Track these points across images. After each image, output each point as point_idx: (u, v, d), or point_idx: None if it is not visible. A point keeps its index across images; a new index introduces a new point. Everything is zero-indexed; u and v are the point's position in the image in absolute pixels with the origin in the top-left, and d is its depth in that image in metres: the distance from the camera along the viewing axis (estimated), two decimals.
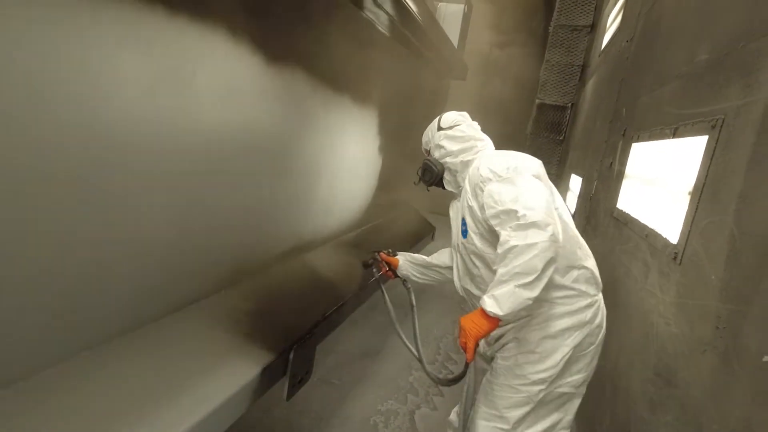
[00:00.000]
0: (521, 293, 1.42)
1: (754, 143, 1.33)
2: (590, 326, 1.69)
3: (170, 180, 1.30)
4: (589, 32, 6.72)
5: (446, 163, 1.89)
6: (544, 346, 1.66)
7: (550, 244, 1.43)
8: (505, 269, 1.44)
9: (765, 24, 1.40)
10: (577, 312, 1.67)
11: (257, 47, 1.48)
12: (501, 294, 1.44)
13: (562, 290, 1.67)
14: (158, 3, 1.05)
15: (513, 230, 1.46)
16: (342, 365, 3.18)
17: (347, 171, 2.67)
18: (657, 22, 2.93)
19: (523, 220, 1.45)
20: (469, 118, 1.98)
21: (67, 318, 1.18)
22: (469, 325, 1.50)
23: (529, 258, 1.41)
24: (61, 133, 0.97)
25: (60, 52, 0.92)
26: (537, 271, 1.41)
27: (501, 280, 1.45)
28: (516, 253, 1.43)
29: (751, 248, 1.25)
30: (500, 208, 1.53)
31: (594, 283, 1.76)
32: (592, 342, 1.72)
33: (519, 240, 1.43)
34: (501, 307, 1.43)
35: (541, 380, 1.66)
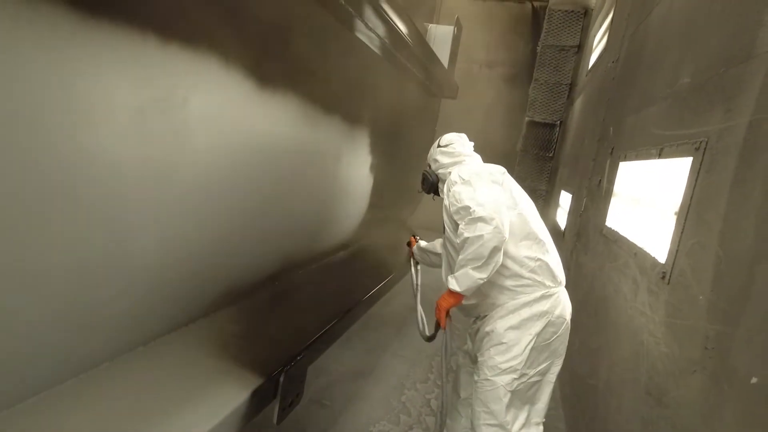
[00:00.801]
0: (474, 274, 1.79)
1: (736, 166, 1.36)
2: (550, 316, 1.92)
3: (160, 204, 1.29)
4: (576, 52, 6.88)
5: (440, 174, 2.26)
6: (509, 336, 1.91)
7: (494, 234, 1.75)
8: (462, 256, 1.81)
9: (744, 51, 1.44)
10: (535, 302, 1.92)
11: (249, 72, 1.50)
12: (459, 275, 1.83)
13: (519, 279, 1.94)
14: (150, 32, 1.06)
15: (466, 224, 1.81)
16: (333, 385, 3.14)
17: (339, 191, 2.67)
18: (641, 45, 3.00)
19: (473, 215, 1.78)
20: (465, 138, 2.32)
21: (51, 346, 1.16)
22: (441, 301, 1.95)
23: (477, 247, 1.76)
24: (51, 158, 0.97)
25: (52, 79, 0.92)
26: (484, 258, 1.76)
27: (460, 264, 1.83)
28: (468, 242, 1.78)
29: (736, 269, 1.27)
30: (459, 205, 1.87)
31: (551, 276, 1.98)
32: (555, 332, 1.93)
33: (470, 232, 1.78)
34: (460, 285, 1.83)
35: (512, 368, 1.89)
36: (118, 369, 1.35)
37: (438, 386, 3.38)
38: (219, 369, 1.55)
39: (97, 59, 0.98)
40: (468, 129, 8.65)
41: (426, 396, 3.20)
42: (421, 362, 3.68)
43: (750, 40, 1.41)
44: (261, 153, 1.72)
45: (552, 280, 1.99)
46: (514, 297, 1.95)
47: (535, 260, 1.96)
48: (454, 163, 2.20)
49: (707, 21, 1.85)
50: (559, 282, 2.02)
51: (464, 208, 1.85)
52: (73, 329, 1.19)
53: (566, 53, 6.92)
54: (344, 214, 2.94)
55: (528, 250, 1.96)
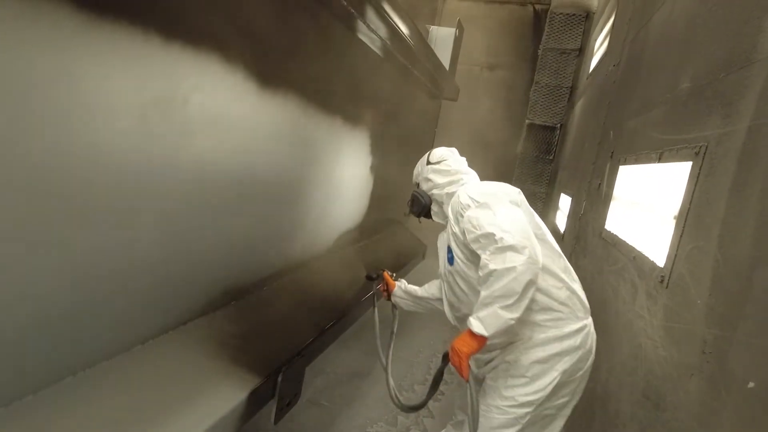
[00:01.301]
0: (504, 314, 1.49)
1: (735, 171, 1.36)
2: (581, 351, 1.71)
3: (160, 203, 1.30)
4: (577, 55, 6.89)
5: (433, 195, 2.00)
6: (534, 370, 1.68)
7: (527, 266, 1.48)
8: (487, 292, 1.52)
9: (744, 56, 1.45)
10: (566, 337, 1.69)
11: (250, 73, 1.50)
12: (485, 316, 1.51)
13: (550, 312, 1.69)
14: (153, 32, 1.06)
15: (491, 254, 1.52)
16: (331, 386, 3.14)
17: (339, 192, 2.68)
18: (642, 49, 3.01)
19: (500, 243, 1.51)
20: (457, 154, 2.08)
21: (49, 343, 1.16)
22: (459, 345, 1.57)
23: (508, 281, 1.48)
24: (53, 155, 0.97)
25: (55, 77, 0.93)
26: (517, 294, 1.48)
27: (484, 302, 1.53)
28: (496, 276, 1.49)
29: (734, 274, 1.27)
30: (479, 232, 1.59)
31: (581, 306, 1.77)
32: (581, 368, 1.73)
33: (498, 264, 1.50)
34: (486, 328, 1.51)
35: (529, 403, 1.68)
36: (115, 368, 1.35)
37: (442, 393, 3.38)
38: (217, 369, 1.55)
39: (100, 58, 0.98)
40: (468, 131, 8.66)
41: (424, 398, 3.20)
42: (419, 364, 3.68)
43: (750, 45, 1.42)
44: (262, 153, 1.72)
45: (583, 310, 1.78)
46: (545, 331, 1.69)
47: (565, 290, 1.72)
48: (451, 182, 1.95)
49: (708, 26, 1.86)
50: (588, 311, 1.82)
51: (487, 235, 1.56)
52: (72, 327, 1.19)
53: (567, 56, 6.93)
54: (345, 214, 2.94)
55: (556, 279, 1.72)
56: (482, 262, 1.54)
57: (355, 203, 3.06)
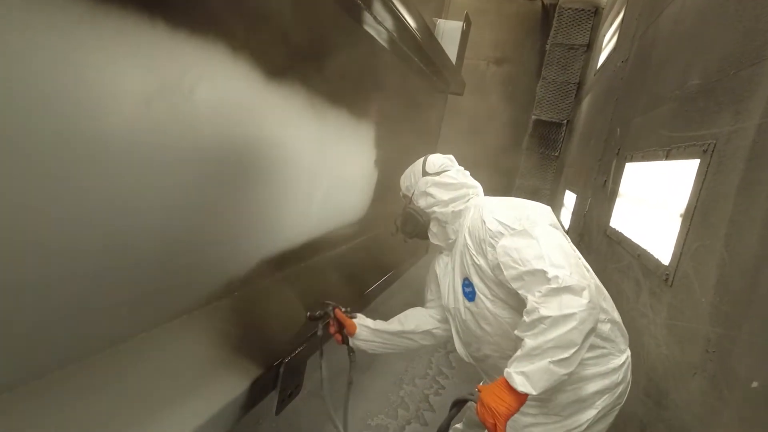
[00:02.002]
0: (557, 370, 1.18)
1: (744, 169, 1.35)
2: (623, 386, 1.48)
3: (165, 192, 1.30)
4: (585, 51, 6.83)
5: (434, 213, 1.65)
6: (570, 410, 1.45)
7: (589, 312, 1.19)
8: (536, 342, 1.20)
9: (755, 53, 1.43)
10: (610, 373, 1.44)
11: (256, 62, 1.49)
12: (533, 371, 1.19)
13: (594, 350, 1.41)
14: (159, 18, 1.06)
15: (543, 295, 1.22)
16: (332, 379, 3.15)
17: (343, 184, 2.67)
18: (651, 45, 2.98)
19: (554, 284, 1.21)
20: (456, 162, 1.78)
21: (53, 329, 1.17)
22: (495, 403, 1.22)
23: (566, 331, 1.18)
24: (57, 144, 0.97)
25: (58, 63, 0.92)
26: (576, 346, 1.18)
27: (532, 354, 1.20)
28: (549, 324, 1.19)
29: (740, 273, 1.26)
30: (523, 269, 1.28)
31: (623, 337, 1.52)
32: (620, 402, 1.51)
33: (552, 310, 1.19)
34: (534, 385, 1.19)
35: None
36: (118, 356, 1.36)
37: (437, 383, 3.39)
38: (219, 358, 1.55)
39: (106, 44, 0.98)
40: (474, 126, 8.58)
41: (425, 391, 3.21)
42: (420, 358, 3.69)
43: (762, 42, 1.40)
44: (267, 144, 1.72)
45: (624, 341, 1.52)
46: (585, 369, 1.42)
47: (608, 322, 1.46)
48: (457, 198, 1.63)
49: (718, 22, 1.84)
50: (628, 339, 1.56)
51: (534, 272, 1.26)
52: (77, 314, 1.20)
53: (575, 52, 6.88)
54: (349, 206, 2.94)
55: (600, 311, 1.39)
56: (530, 306, 1.24)
57: (360, 196, 3.06)
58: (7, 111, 0.85)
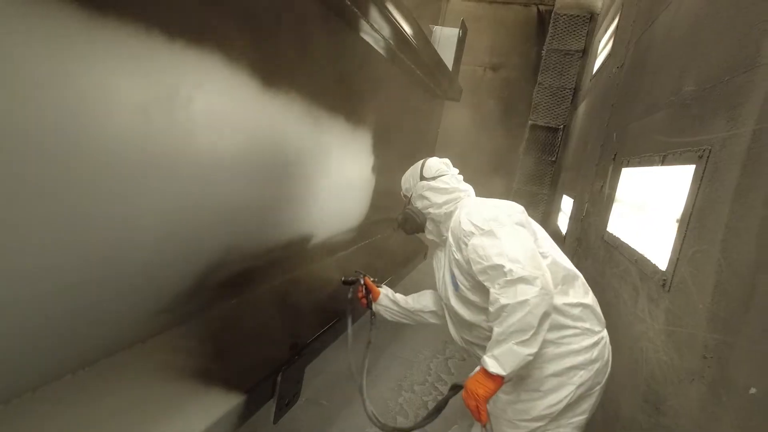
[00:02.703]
0: (520, 351, 1.40)
1: (739, 175, 1.35)
2: (598, 364, 1.63)
3: (161, 202, 1.29)
4: (581, 57, 6.87)
5: (429, 214, 1.86)
6: (549, 384, 1.61)
7: (541, 297, 1.40)
8: (501, 328, 1.42)
9: (749, 60, 1.44)
10: (583, 351, 1.61)
11: (254, 72, 1.50)
12: (501, 353, 1.41)
13: (565, 330, 1.61)
14: (156, 30, 1.06)
15: (501, 287, 1.44)
16: (331, 386, 3.14)
17: (340, 191, 2.68)
18: (646, 51, 3.00)
19: (510, 276, 1.42)
20: (451, 166, 1.97)
21: (49, 340, 1.16)
22: (474, 387, 1.46)
23: (522, 315, 1.39)
24: (55, 153, 0.97)
25: (55, 75, 0.93)
26: (533, 328, 1.39)
27: (498, 339, 1.43)
28: (509, 311, 1.41)
29: (737, 279, 1.26)
30: (486, 264, 1.50)
31: (596, 319, 1.70)
32: (599, 381, 1.66)
33: (509, 298, 1.41)
34: (503, 366, 1.40)
35: (542, 417, 1.61)
36: (115, 366, 1.35)
37: (435, 389, 3.38)
38: (216, 367, 1.55)
39: (103, 55, 0.98)
40: (471, 131, 8.61)
41: (423, 398, 3.20)
42: (419, 364, 3.68)
43: (755, 49, 1.41)
44: (264, 153, 1.72)
45: (599, 324, 1.70)
46: (558, 347, 1.61)
47: (578, 306, 1.65)
48: (449, 201, 1.83)
49: (712, 29, 1.85)
50: (604, 324, 1.74)
51: (495, 267, 1.47)
52: (71, 325, 1.19)
53: (571, 57, 6.92)
54: (347, 214, 2.94)
55: (566, 295, 1.65)
56: (492, 297, 1.46)
57: (357, 203, 3.06)
58: (5, 122, 0.85)
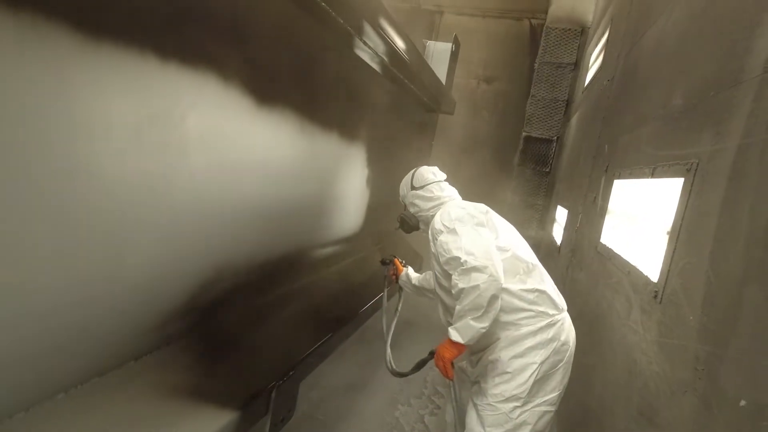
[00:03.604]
0: (475, 324, 1.76)
1: (726, 189, 1.38)
2: (555, 343, 1.90)
3: (155, 221, 1.30)
4: (572, 69, 6.96)
5: (420, 217, 2.27)
6: (514, 365, 1.87)
7: (489, 283, 1.73)
8: (459, 307, 1.78)
9: (733, 76, 1.47)
10: (539, 331, 1.89)
11: (247, 90, 1.52)
12: (460, 326, 1.79)
13: (520, 312, 1.91)
14: (150, 52, 1.08)
15: (459, 275, 1.78)
16: (326, 400, 3.12)
17: (335, 206, 2.69)
18: (635, 65, 3.05)
19: (465, 266, 1.76)
20: (439, 173, 2.32)
21: (45, 356, 1.15)
22: (442, 351, 1.87)
23: (474, 297, 1.73)
24: (51, 173, 0.98)
25: (54, 97, 0.94)
26: (483, 307, 1.73)
27: (458, 315, 1.79)
28: (465, 294, 1.75)
29: (726, 291, 1.28)
30: (448, 256, 1.85)
31: (552, 304, 1.97)
32: (560, 359, 1.91)
33: (464, 283, 1.75)
34: (462, 336, 1.78)
35: (515, 397, 1.85)
36: (108, 383, 1.34)
37: (432, 402, 3.36)
38: (210, 383, 1.54)
39: (98, 78, 1.00)
40: (465, 143, 8.66)
41: (420, 412, 3.18)
42: (415, 377, 3.66)
43: (739, 66, 1.44)
44: (258, 169, 1.73)
45: (554, 308, 1.98)
46: (518, 329, 1.91)
47: (534, 291, 1.94)
48: (434, 206, 2.20)
49: (698, 44, 1.89)
50: (561, 308, 2.01)
51: (454, 258, 1.82)
52: (64, 343, 1.19)
53: (563, 70, 7.00)
54: (340, 228, 2.95)
55: (524, 283, 1.94)
56: (453, 282, 1.80)
57: (352, 216, 3.07)
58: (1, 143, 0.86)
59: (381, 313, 2.67)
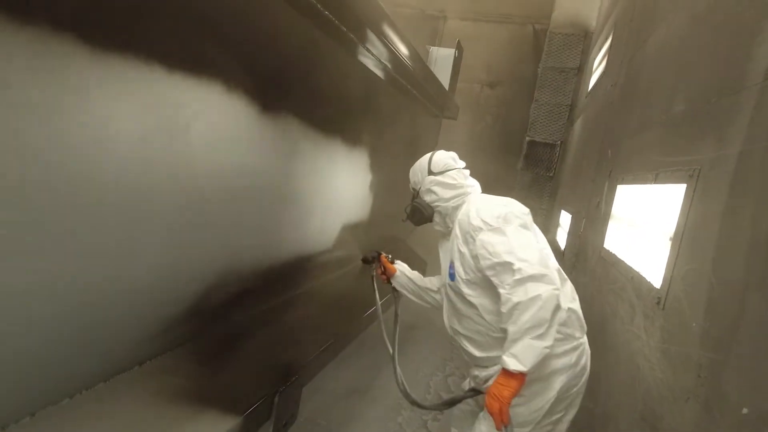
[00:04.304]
0: (537, 344, 1.47)
1: (728, 195, 1.38)
2: (575, 369, 1.73)
3: (161, 228, 1.32)
4: (576, 74, 6.96)
5: (437, 207, 1.92)
6: (532, 388, 1.67)
7: (551, 293, 1.49)
8: (516, 327, 1.49)
9: (734, 83, 1.47)
10: (563, 355, 1.71)
11: (252, 98, 1.54)
12: (519, 350, 1.47)
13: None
14: (155, 62, 1.10)
15: (512, 287, 1.51)
16: (329, 405, 3.12)
17: (338, 210, 2.70)
18: (638, 70, 3.05)
19: (519, 275, 1.50)
20: (458, 160, 2.02)
21: (49, 360, 1.17)
22: (498, 390, 1.51)
23: (535, 311, 1.46)
24: (55, 178, 1.00)
25: (60, 104, 0.96)
26: (547, 321, 1.47)
27: (515, 337, 1.49)
28: (522, 309, 1.48)
29: (728, 298, 1.28)
30: (495, 260, 1.57)
31: (579, 326, 1.80)
32: (575, 384, 1.75)
33: (521, 296, 1.49)
34: (524, 362, 1.46)
35: (527, 422, 1.69)
36: (112, 389, 1.36)
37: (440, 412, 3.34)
38: (213, 388, 1.55)
39: (106, 89, 1.02)
40: (469, 147, 8.66)
41: (423, 417, 3.18)
42: (418, 382, 3.66)
43: (740, 73, 1.45)
44: (262, 176, 1.75)
45: (580, 330, 1.80)
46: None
47: (566, 311, 1.70)
48: (456, 196, 1.89)
49: (700, 51, 1.90)
50: (585, 330, 1.84)
51: (503, 264, 1.55)
52: (69, 349, 1.20)
53: (566, 75, 7.01)
54: (344, 234, 2.96)
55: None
56: (503, 298, 1.53)
57: (355, 221, 3.08)
58: (9, 155, 0.88)
59: (379, 324, 2.28)
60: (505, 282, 1.53)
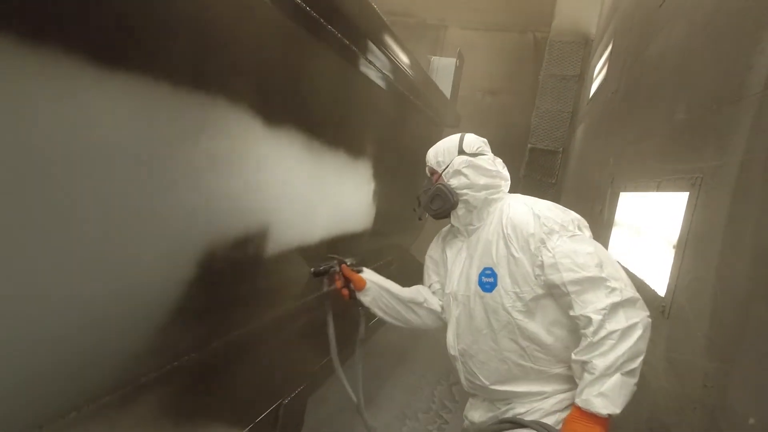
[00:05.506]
0: (630, 381, 1.24)
1: (731, 204, 1.38)
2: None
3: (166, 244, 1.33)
4: (577, 81, 6.99)
5: (465, 195, 1.54)
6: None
7: (648, 322, 1.27)
8: (608, 360, 1.22)
9: (735, 92, 1.48)
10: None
11: (255, 111, 1.56)
12: (610, 389, 1.21)
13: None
14: (162, 79, 1.12)
15: (607, 311, 1.24)
16: (333, 415, 3.10)
17: (342, 219, 2.71)
18: (639, 78, 3.07)
19: (616, 297, 1.26)
20: (490, 148, 1.70)
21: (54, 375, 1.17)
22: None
23: (634, 341, 1.23)
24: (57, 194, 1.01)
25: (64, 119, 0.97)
26: (642, 354, 1.25)
27: (606, 373, 1.22)
28: (618, 338, 1.22)
29: (732, 307, 1.28)
30: (585, 274, 1.30)
31: None
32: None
33: (618, 323, 1.23)
34: (615, 403, 1.21)
35: None
36: (119, 402, 1.36)
37: (440, 417, 3.33)
38: (218, 401, 1.55)
39: (112, 106, 1.03)
40: None
41: (428, 427, 3.16)
42: (422, 391, 3.64)
43: (740, 82, 1.46)
44: (267, 190, 1.76)
45: None
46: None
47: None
48: (490, 186, 1.56)
49: (700, 60, 1.91)
50: None
51: (595, 281, 1.29)
52: (75, 364, 1.21)
53: (567, 82, 7.03)
54: (347, 244, 2.97)
55: None
56: (594, 323, 1.25)
57: (358, 231, 3.10)
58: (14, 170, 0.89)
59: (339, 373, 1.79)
60: (594, 304, 1.27)
